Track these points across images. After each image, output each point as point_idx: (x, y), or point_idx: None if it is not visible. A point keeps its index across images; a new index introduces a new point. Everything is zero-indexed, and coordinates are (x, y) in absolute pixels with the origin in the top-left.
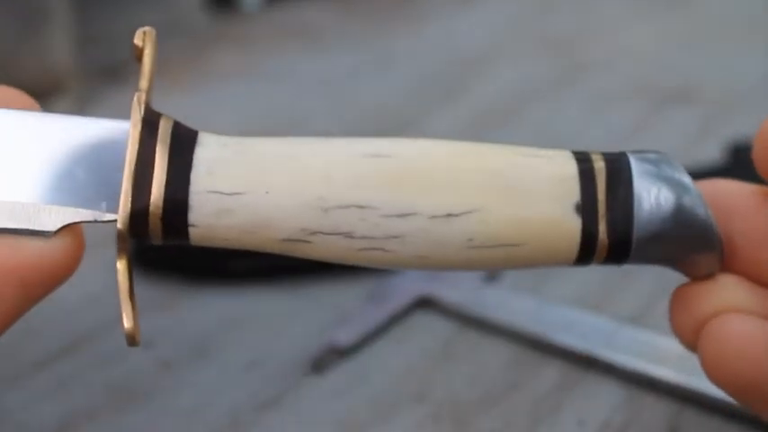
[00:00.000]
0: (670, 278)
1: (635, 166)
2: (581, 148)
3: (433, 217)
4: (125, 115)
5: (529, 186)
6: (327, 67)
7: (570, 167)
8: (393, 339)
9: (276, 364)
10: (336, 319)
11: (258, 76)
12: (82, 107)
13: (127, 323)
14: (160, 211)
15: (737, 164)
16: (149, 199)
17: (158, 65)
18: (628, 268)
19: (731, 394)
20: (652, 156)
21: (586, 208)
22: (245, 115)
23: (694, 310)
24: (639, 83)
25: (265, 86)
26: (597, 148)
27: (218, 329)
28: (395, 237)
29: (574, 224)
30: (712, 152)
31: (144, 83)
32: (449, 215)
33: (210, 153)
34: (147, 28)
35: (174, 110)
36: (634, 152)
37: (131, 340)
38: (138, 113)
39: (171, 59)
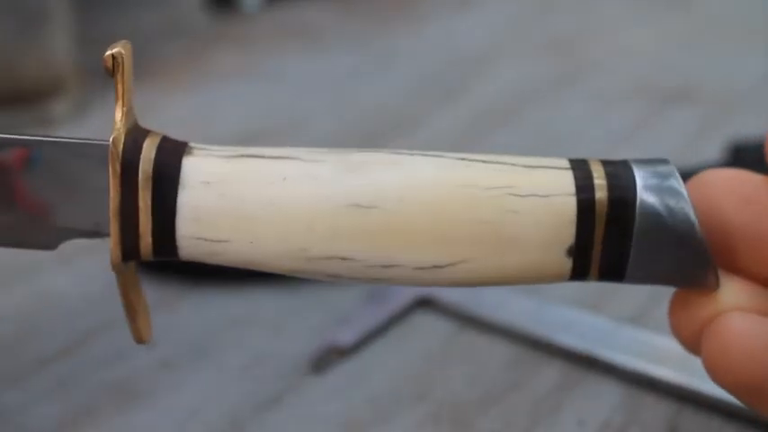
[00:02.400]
0: None
1: (641, 199)
2: (581, 148)
3: (418, 268)
4: None
5: (521, 235)
6: (327, 67)
7: (569, 208)
8: (393, 339)
9: (276, 364)
10: (336, 319)
11: (258, 76)
12: (82, 107)
13: (134, 331)
14: (150, 251)
15: (737, 164)
16: (138, 243)
17: (158, 65)
18: None
19: (734, 394)
20: (660, 178)
21: (580, 251)
22: (245, 115)
23: (695, 312)
24: (639, 83)
25: (265, 86)
26: (597, 149)
27: (218, 329)
28: (380, 279)
29: (564, 265)
30: (712, 152)
31: (119, 114)
32: (434, 267)
33: (194, 197)
34: (119, 46)
35: (174, 110)
36: (642, 168)
37: (140, 341)
38: (116, 162)
39: (171, 59)
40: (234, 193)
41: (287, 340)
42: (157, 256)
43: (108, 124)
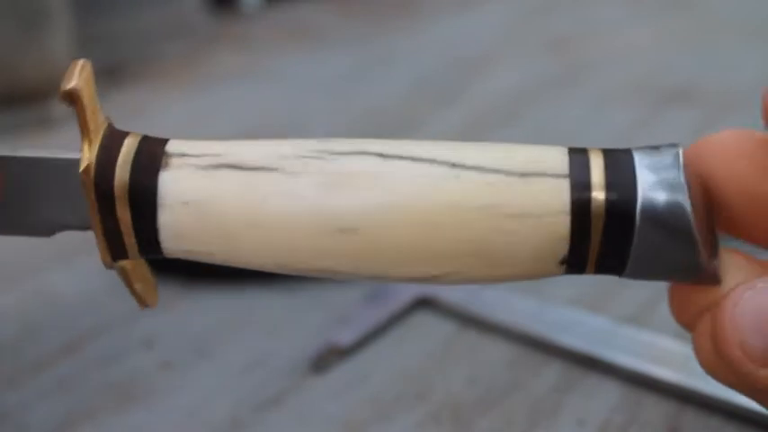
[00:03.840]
0: None
1: (641, 204)
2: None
3: (409, 279)
4: (125, 116)
5: (511, 252)
6: (327, 67)
7: (562, 227)
8: (393, 339)
9: (276, 364)
10: (336, 319)
11: (258, 77)
12: None
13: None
14: (138, 256)
15: None
16: (126, 250)
17: (158, 65)
18: None
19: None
20: (663, 172)
21: (573, 261)
22: (244, 115)
23: (695, 298)
24: (639, 83)
25: (265, 86)
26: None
27: (218, 329)
28: (376, 280)
29: (557, 271)
30: None
31: (86, 146)
32: (425, 278)
33: (174, 217)
34: (77, 71)
35: (174, 110)
36: (646, 164)
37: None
38: (90, 193)
39: (171, 59)
40: (214, 212)
41: (287, 340)
42: (149, 262)
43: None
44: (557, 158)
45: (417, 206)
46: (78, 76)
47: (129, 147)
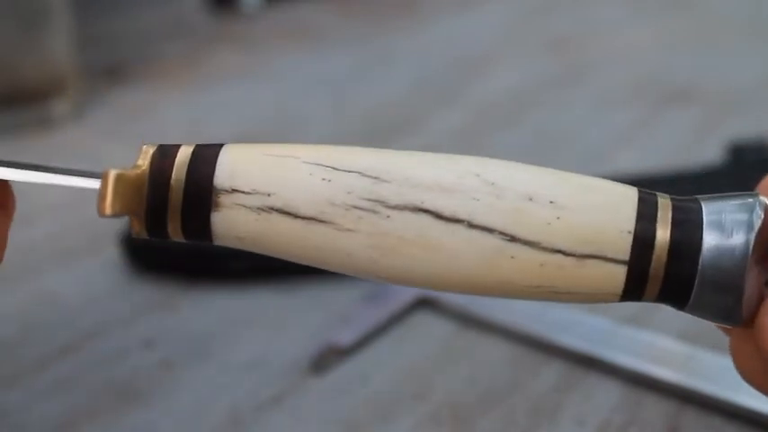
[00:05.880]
0: None
1: (698, 287)
2: (581, 148)
3: None
4: (125, 116)
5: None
6: (327, 67)
7: (612, 299)
8: (393, 339)
9: (276, 364)
10: (336, 319)
11: (258, 76)
12: (82, 107)
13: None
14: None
15: (737, 164)
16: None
17: (158, 65)
18: None
19: None
20: (729, 237)
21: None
22: (244, 115)
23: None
24: (639, 83)
25: (265, 86)
26: (597, 149)
27: (219, 329)
28: None
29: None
30: (712, 152)
31: (136, 222)
32: None
33: (228, 244)
34: (111, 176)
35: (175, 110)
36: (713, 232)
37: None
38: (143, 233)
39: (171, 59)
40: (267, 248)
41: (287, 340)
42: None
43: (107, 124)
44: (620, 236)
45: (469, 280)
46: (111, 200)
47: (175, 194)
